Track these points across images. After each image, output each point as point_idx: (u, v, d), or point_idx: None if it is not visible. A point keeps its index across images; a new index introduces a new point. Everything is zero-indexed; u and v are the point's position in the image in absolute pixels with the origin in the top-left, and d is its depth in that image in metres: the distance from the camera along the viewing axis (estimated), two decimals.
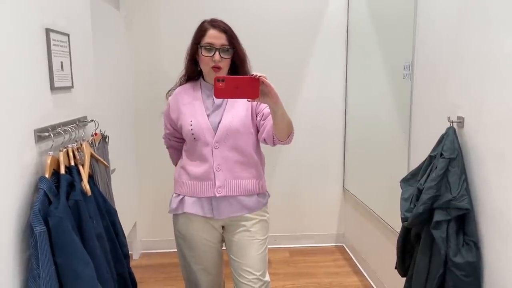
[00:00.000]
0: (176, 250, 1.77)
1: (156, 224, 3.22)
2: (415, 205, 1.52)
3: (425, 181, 1.50)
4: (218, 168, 1.61)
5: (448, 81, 1.64)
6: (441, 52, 1.70)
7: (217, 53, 1.57)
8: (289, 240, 3.38)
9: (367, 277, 2.84)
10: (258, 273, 1.67)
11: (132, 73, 3.07)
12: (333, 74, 3.22)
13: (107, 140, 1.86)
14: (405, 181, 1.69)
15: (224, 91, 1.34)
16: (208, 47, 1.57)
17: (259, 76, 1.34)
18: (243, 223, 1.67)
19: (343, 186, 3.36)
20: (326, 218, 3.42)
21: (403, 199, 1.63)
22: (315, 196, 3.37)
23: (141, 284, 1.76)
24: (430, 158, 1.56)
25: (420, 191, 1.50)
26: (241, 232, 1.67)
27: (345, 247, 3.38)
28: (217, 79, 1.33)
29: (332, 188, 3.38)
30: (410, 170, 1.75)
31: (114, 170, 2.11)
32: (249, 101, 1.42)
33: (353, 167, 3.15)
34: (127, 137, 2.95)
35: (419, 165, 1.64)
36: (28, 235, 1.12)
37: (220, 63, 1.58)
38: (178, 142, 1.81)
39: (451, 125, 1.53)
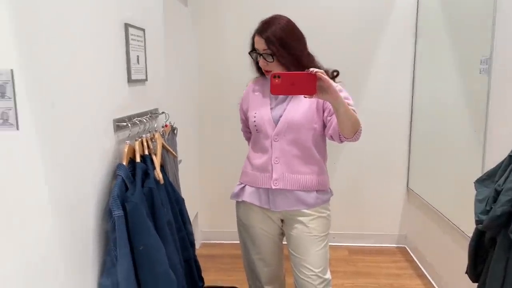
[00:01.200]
0: (235, 242, 1.79)
1: (217, 215, 3.29)
2: (491, 207, 1.43)
3: (504, 182, 1.40)
4: (276, 160, 1.62)
5: None
6: None
7: (261, 58, 1.58)
8: (348, 238, 3.32)
9: (431, 280, 2.73)
10: (317, 270, 1.66)
11: (198, 67, 3.15)
12: (399, 68, 3.10)
13: (175, 131, 1.93)
14: (480, 182, 1.60)
15: (280, 87, 1.33)
16: (255, 52, 1.60)
17: (316, 72, 1.31)
18: (301, 218, 1.66)
19: (407, 186, 3.24)
20: (388, 218, 3.32)
21: (477, 201, 1.54)
22: (377, 194, 3.28)
23: (202, 273, 1.81)
24: (510, 158, 1.46)
25: (498, 193, 1.41)
26: (298, 227, 1.67)
27: (407, 248, 3.26)
28: (273, 76, 1.32)
29: (395, 187, 3.27)
30: (485, 170, 1.65)
31: (181, 161, 2.18)
32: (305, 97, 1.40)
33: (419, 166, 3.03)
34: (191, 129, 3.05)
35: (497, 165, 1.53)
36: (107, 218, 1.19)
37: (267, 67, 1.59)
38: (250, 134, 1.83)
39: None
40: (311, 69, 1.32)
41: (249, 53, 1.63)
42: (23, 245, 0.91)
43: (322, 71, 1.32)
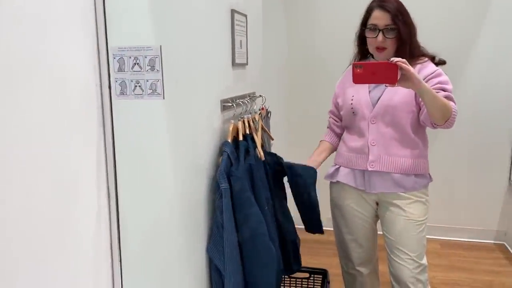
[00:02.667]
0: (324, 228, 1.80)
1: None
2: None
3: None
4: (373, 142, 1.62)
5: None
6: None
7: (380, 34, 1.56)
8: (440, 231, 3.18)
9: None
10: (413, 254, 1.64)
11: (289, 53, 3.20)
12: (504, 58, 2.87)
13: (269, 115, 2.01)
14: None
15: (362, 76, 1.36)
16: (372, 28, 1.58)
17: (397, 61, 1.31)
18: (397, 201, 1.64)
19: (509, 179, 3.01)
20: (486, 213, 3.12)
21: None
22: (475, 187, 3.09)
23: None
24: None
25: None
26: (394, 211, 1.66)
27: (506, 245, 3.05)
28: (355, 66, 1.36)
29: (495, 180, 3.06)
30: None
31: (273, 142, 2.27)
32: (387, 86, 1.40)
33: None
34: (282, 113, 3.12)
35: None
36: (215, 189, 1.30)
37: (383, 43, 1.57)
38: (334, 120, 1.85)
39: None
40: (392, 58, 1.34)
41: (366, 27, 1.61)
42: (154, 203, 1.08)
43: (404, 60, 1.32)
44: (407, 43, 1.58)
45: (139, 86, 0.97)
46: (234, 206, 1.30)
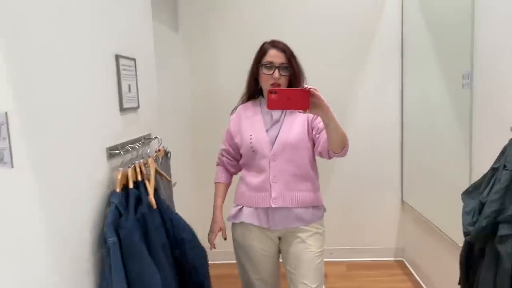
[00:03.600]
0: (232, 261, 1.83)
1: None
2: (477, 219, 1.47)
3: (488, 194, 1.45)
4: (274, 180, 1.66)
5: (510, 89, 1.58)
6: (502, 59, 1.64)
7: (276, 70, 1.64)
8: (346, 253, 3.34)
9: None
10: (313, 285, 1.69)
11: (191, 91, 3.21)
12: (388, 83, 3.18)
13: (169, 155, 1.97)
14: (467, 194, 1.64)
15: (277, 102, 1.40)
16: (268, 66, 1.66)
17: (310, 88, 1.38)
18: (299, 234, 1.70)
19: (402, 199, 3.27)
20: (385, 232, 3.34)
21: (465, 213, 1.58)
22: (373, 208, 3.31)
23: None
24: (493, 170, 1.50)
25: (482, 205, 1.45)
26: (296, 244, 1.70)
27: (405, 261, 3.28)
28: (270, 91, 1.40)
29: (390, 200, 3.30)
30: (472, 182, 1.69)
31: (175, 184, 2.22)
32: (300, 112, 1.47)
33: (412, 179, 3.07)
34: (186, 152, 3.09)
35: (482, 177, 1.58)
36: (102, 244, 1.22)
37: (279, 80, 1.65)
38: (228, 159, 1.86)
39: None
40: (305, 85, 1.40)
41: (261, 64, 1.68)
42: (23, 283, 0.94)
43: (315, 88, 1.38)
44: (299, 81, 1.69)
45: None
46: (125, 260, 1.23)
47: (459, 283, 1.70)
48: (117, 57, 1.45)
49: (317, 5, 3.13)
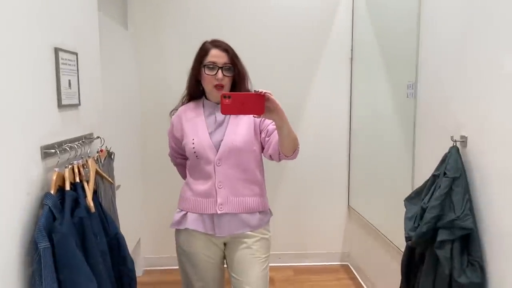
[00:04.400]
0: (175, 267, 1.76)
1: (160, 241, 3.21)
2: (419, 224, 1.51)
3: (429, 200, 1.50)
4: (220, 185, 1.62)
5: (452, 100, 1.65)
6: (445, 71, 1.71)
7: (219, 71, 1.60)
8: (293, 258, 3.35)
9: None
10: None
11: (139, 90, 3.11)
12: (337, 91, 3.24)
13: (112, 156, 1.88)
14: (409, 200, 1.69)
15: (231, 107, 1.36)
16: (211, 66, 1.61)
17: (265, 93, 1.36)
18: (245, 240, 1.67)
19: (348, 204, 3.34)
20: (331, 236, 3.39)
21: (407, 218, 1.62)
22: (320, 214, 3.35)
23: None
24: (434, 177, 1.56)
25: (423, 210, 1.50)
26: (242, 250, 1.67)
27: (350, 266, 3.34)
28: (224, 96, 1.35)
29: (336, 206, 3.36)
30: (414, 188, 1.74)
31: (119, 186, 2.12)
32: (255, 117, 1.44)
33: (358, 185, 3.15)
34: (133, 153, 2.98)
35: (423, 184, 1.63)
36: (33, 251, 1.13)
37: (222, 81, 1.61)
38: (184, 159, 1.82)
39: (454, 144, 1.53)
40: (260, 89, 1.37)
41: (204, 65, 1.62)
42: None
43: (270, 92, 1.36)
44: (244, 82, 1.66)
45: None
46: (58, 267, 1.15)
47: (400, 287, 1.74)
48: (57, 50, 1.36)
49: (269, 11, 3.13)
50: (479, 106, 1.45)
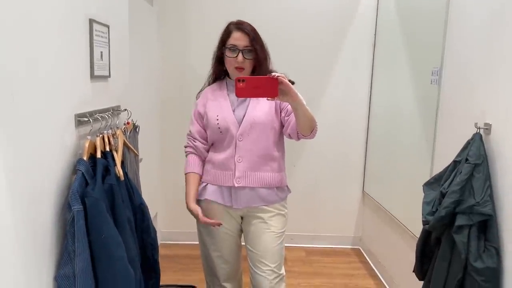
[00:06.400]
0: (193, 242, 1.81)
1: (176, 216, 3.27)
2: (437, 209, 1.53)
3: (449, 185, 1.51)
4: (239, 159, 1.67)
5: (477, 87, 1.65)
6: (471, 58, 1.71)
7: (240, 54, 1.63)
8: (305, 239, 3.40)
9: (383, 280, 2.85)
10: (273, 265, 1.72)
11: (162, 67, 3.15)
12: (358, 75, 3.23)
13: (137, 129, 1.93)
14: (428, 185, 1.71)
15: (245, 90, 1.41)
16: (232, 48, 1.64)
17: (278, 76, 1.39)
18: (260, 214, 1.72)
19: (363, 189, 3.36)
20: (344, 220, 3.43)
21: (425, 203, 1.64)
22: (334, 197, 3.39)
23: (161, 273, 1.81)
24: (455, 163, 1.57)
25: (443, 195, 1.52)
26: (258, 223, 1.72)
27: (361, 250, 3.39)
28: (238, 80, 1.40)
29: (351, 190, 3.39)
30: (433, 175, 1.76)
31: (141, 159, 2.17)
32: (268, 99, 1.48)
33: (374, 170, 3.16)
34: (153, 128, 3.03)
35: (443, 169, 1.65)
36: (67, 213, 1.18)
37: (243, 64, 1.64)
38: (202, 143, 1.77)
39: (478, 131, 1.53)
40: (273, 73, 1.40)
41: (225, 47, 1.66)
42: None
43: (283, 75, 1.39)
44: (263, 65, 1.67)
45: None
46: (90, 230, 1.20)
47: (413, 271, 1.77)
48: (91, 21, 1.39)
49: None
50: (505, 94, 1.45)
